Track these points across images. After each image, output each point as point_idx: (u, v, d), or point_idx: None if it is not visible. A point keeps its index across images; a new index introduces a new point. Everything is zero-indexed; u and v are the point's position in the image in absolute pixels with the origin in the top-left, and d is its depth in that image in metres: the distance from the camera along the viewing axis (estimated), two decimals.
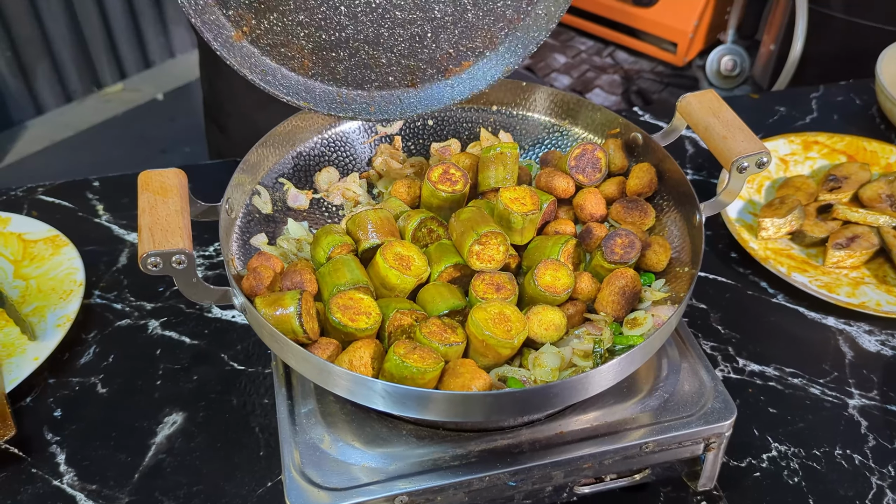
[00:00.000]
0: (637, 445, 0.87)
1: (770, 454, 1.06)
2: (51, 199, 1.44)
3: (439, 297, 0.88)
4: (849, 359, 1.18)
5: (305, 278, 0.88)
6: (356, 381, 0.75)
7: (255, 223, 1.00)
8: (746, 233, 1.35)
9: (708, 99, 0.98)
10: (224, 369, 1.15)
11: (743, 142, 0.91)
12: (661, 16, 2.46)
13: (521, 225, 0.94)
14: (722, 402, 0.90)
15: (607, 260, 0.92)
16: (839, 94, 1.74)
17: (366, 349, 0.80)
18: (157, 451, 1.05)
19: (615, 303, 0.89)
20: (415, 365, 0.77)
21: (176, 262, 0.77)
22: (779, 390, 1.14)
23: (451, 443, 0.86)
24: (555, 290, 0.89)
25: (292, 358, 0.79)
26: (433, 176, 0.99)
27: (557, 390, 0.75)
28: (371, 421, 0.88)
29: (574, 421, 0.89)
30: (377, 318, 0.84)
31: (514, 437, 0.87)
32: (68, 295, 1.21)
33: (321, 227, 0.99)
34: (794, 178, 1.43)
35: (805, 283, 1.25)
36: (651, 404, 0.90)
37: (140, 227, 0.78)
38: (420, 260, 0.91)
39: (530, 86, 1.13)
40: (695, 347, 0.97)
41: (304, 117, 1.06)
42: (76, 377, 1.14)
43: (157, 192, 0.82)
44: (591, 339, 0.87)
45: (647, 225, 1.00)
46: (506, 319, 0.84)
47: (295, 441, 0.87)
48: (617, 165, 1.05)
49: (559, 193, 1.02)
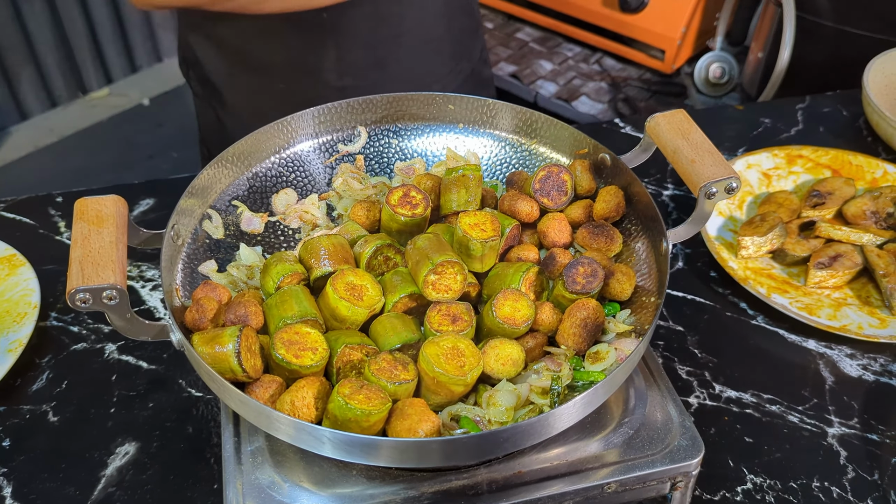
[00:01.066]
0: (599, 486, 0.83)
1: (745, 486, 1.02)
2: (11, 216, 1.40)
3: (392, 329, 0.84)
4: (829, 384, 1.14)
5: (250, 311, 0.83)
6: (298, 427, 0.71)
7: (204, 249, 0.95)
8: (726, 251, 1.30)
9: (678, 119, 0.94)
10: (181, 396, 1.11)
11: (711, 166, 0.87)
12: (648, 22, 2.42)
13: (481, 252, 0.90)
14: (689, 438, 0.86)
15: (568, 290, 0.88)
16: (826, 104, 1.70)
17: (309, 388, 0.76)
18: (107, 483, 1.01)
19: (577, 335, 0.85)
20: (359, 407, 0.73)
21: (107, 298, 0.73)
22: (756, 418, 1.10)
23: (404, 483, 0.82)
24: (514, 322, 0.85)
25: (230, 400, 0.75)
26: (392, 199, 0.95)
27: (508, 434, 0.71)
28: (321, 460, 0.84)
29: (534, 459, 0.84)
30: (324, 353, 0.80)
31: (471, 477, 0.83)
32: (22, 318, 1.16)
33: (275, 252, 0.95)
34: (776, 194, 1.39)
35: (785, 305, 1.21)
36: (615, 441, 0.86)
37: (70, 259, 0.74)
38: (374, 290, 0.87)
39: (496, 103, 1.08)
40: (663, 379, 0.93)
41: (260, 136, 1.02)
42: (27, 405, 1.10)
43: (92, 221, 0.78)
44: (550, 374, 0.82)
45: (614, 251, 0.96)
46: (459, 354, 0.80)
47: (241, 481, 0.83)
48: (584, 188, 1.00)
49: (523, 218, 0.97)
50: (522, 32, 2.75)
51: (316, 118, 1.07)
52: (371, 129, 1.11)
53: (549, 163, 1.04)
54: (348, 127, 1.10)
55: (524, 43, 2.67)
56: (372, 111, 1.10)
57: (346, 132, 1.10)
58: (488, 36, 2.74)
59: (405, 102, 1.10)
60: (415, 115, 1.11)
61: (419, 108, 1.11)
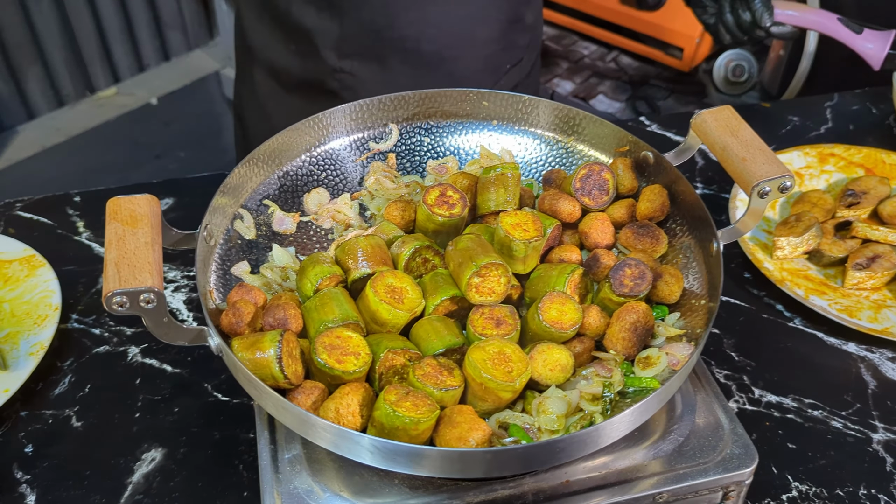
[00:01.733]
0: (650, 496, 0.80)
1: (790, 494, 0.99)
2: (28, 216, 1.37)
3: (434, 333, 0.81)
4: (871, 388, 1.11)
5: (290, 314, 0.80)
6: (340, 435, 0.69)
7: (236, 250, 0.93)
8: (761, 252, 1.27)
9: (725, 116, 0.91)
10: (207, 401, 1.08)
11: (764, 164, 0.84)
12: (666, 20, 2.39)
13: (524, 253, 0.87)
14: (742, 446, 0.83)
15: (616, 293, 0.85)
16: (854, 102, 1.67)
17: (354, 395, 0.73)
18: (133, 491, 0.98)
19: (626, 340, 0.82)
20: (407, 415, 0.70)
21: (144, 302, 0.70)
22: (798, 423, 1.07)
23: (448, 493, 0.79)
24: (561, 326, 0.82)
25: (272, 407, 0.72)
26: (429, 199, 0.92)
27: (564, 445, 0.68)
28: (361, 469, 0.81)
29: (581, 468, 0.81)
30: (366, 359, 0.77)
31: (517, 486, 0.80)
32: (43, 320, 1.14)
33: (309, 254, 0.92)
34: (809, 193, 1.36)
35: (824, 307, 1.18)
36: (664, 449, 0.83)
37: (106, 262, 0.71)
38: (414, 292, 0.84)
39: (532, 100, 1.06)
40: (711, 384, 0.90)
41: (291, 133, 0.99)
42: (49, 409, 1.07)
43: (126, 222, 0.75)
44: (601, 381, 0.79)
45: (659, 252, 0.93)
46: (506, 359, 0.77)
47: (278, 490, 0.80)
48: (626, 187, 0.98)
49: (564, 217, 0.94)
50: None
51: (347, 115, 1.04)
52: (402, 126, 1.08)
53: (590, 161, 1.01)
54: (379, 124, 1.07)
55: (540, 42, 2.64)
56: (403, 108, 1.07)
57: (377, 129, 1.07)
58: None
59: (438, 99, 1.07)
60: (447, 112, 1.09)
61: (452, 104, 1.08)
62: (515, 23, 1.45)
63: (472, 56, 1.41)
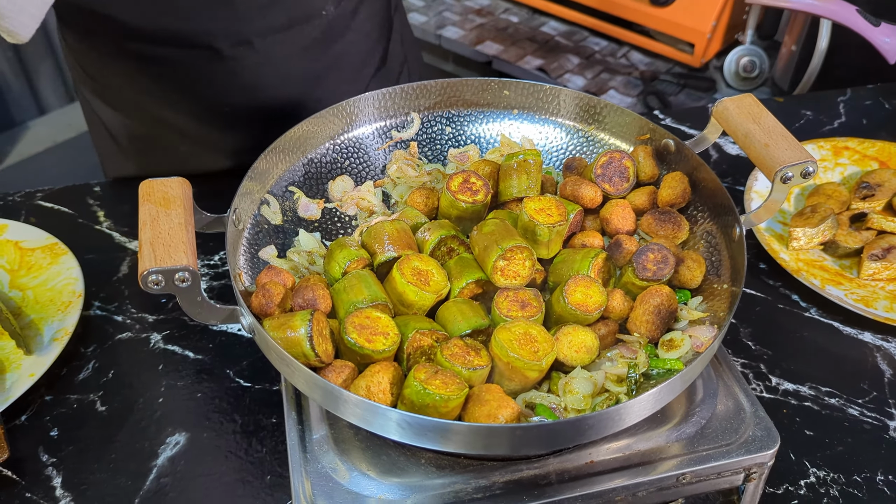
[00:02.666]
0: (673, 476, 0.81)
1: (808, 480, 1.00)
2: (50, 205, 1.39)
3: (461, 315, 0.82)
4: (888, 377, 1.12)
5: (318, 294, 0.82)
6: (371, 410, 0.70)
7: (263, 234, 0.94)
8: (776, 243, 1.28)
9: (747, 104, 0.92)
10: (229, 386, 1.09)
11: (787, 150, 0.85)
12: (677, 16, 2.39)
13: (548, 237, 0.88)
14: (764, 429, 0.84)
15: (639, 277, 0.86)
16: (868, 97, 1.68)
17: (384, 374, 0.74)
18: (158, 473, 0.99)
19: (650, 322, 0.83)
20: (437, 392, 0.71)
21: (179, 280, 0.71)
22: (815, 411, 1.08)
23: (474, 473, 0.80)
24: (586, 309, 0.83)
25: (303, 384, 0.73)
26: (453, 185, 0.93)
27: (592, 422, 0.69)
28: (387, 448, 0.82)
29: (605, 449, 0.82)
30: (395, 339, 0.78)
31: (541, 466, 0.81)
32: (67, 307, 1.15)
33: (334, 238, 0.93)
34: (824, 186, 1.37)
35: (841, 297, 1.19)
36: (687, 431, 0.84)
37: (140, 241, 0.73)
38: (439, 275, 0.85)
39: (554, 89, 1.07)
40: (731, 368, 0.91)
41: (315, 121, 1.00)
42: (74, 394, 1.08)
43: (160, 203, 0.76)
44: (625, 362, 0.80)
45: (681, 238, 0.94)
46: (532, 340, 0.78)
47: (306, 470, 0.81)
48: (647, 174, 0.98)
49: (586, 203, 0.95)
50: (547, 26, 2.73)
51: (370, 104, 1.05)
52: (424, 115, 1.09)
53: (611, 148, 1.02)
54: (402, 113, 1.08)
55: (550, 37, 2.65)
56: (425, 97, 1.08)
57: (399, 118, 1.08)
58: (513, 30, 2.72)
59: (459, 88, 1.08)
60: (468, 101, 1.10)
61: (473, 93, 1.09)
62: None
63: None
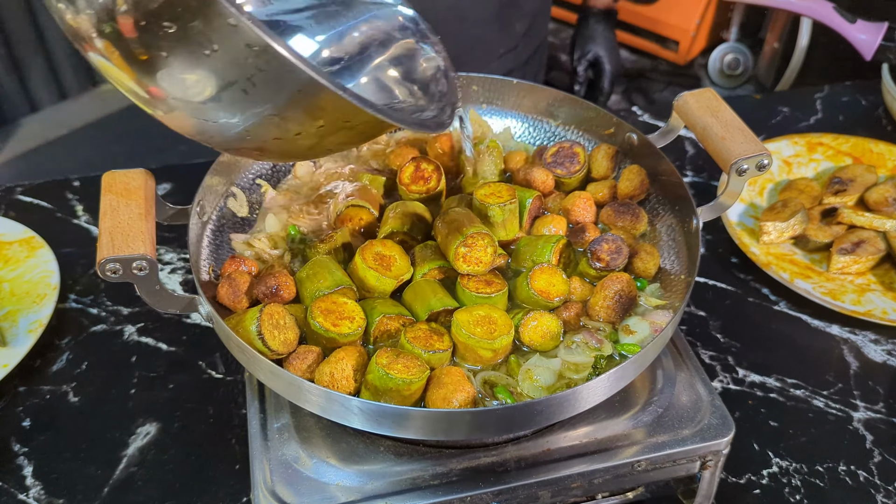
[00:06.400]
0: (629, 464, 0.82)
1: (771, 470, 1.01)
2: (29, 199, 1.40)
3: (432, 293, 0.84)
4: (854, 369, 1.13)
5: (281, 282, 0.83)
6: (329, 399, 0.71)
7: (228, 227, 0.95)
8: (747, 237, 1.30)
9: (706, 98, 0.93)
10: (201, 377, 1.11)
11: (742, 143, 0.86)
12: (662, 13, 2.41)
13: (502, 217, 0.89)
14: (719, 417, 0.86)
15: (592, 267, 0.87)
16: (844, 94, 1.69)
17: (348, 360, 0.75)
18: (128, 463, 1.00)
19: (609, 308, 0.84)
20: (399, 376, 0.72)
21: (137, 269, 0.72)
22: (780, 402, 1.09)
23: (432, 460, 0.82)
24: (548, 296, 0.84)
25: (261, 373, 0.74)
26: (405, 178, 0.94)
27: (542, 407, 0.70)
28: (347, 436, 0.84)
29: (562, 437, 0.84)
30: (361, 322, 0.79)
31: (499, 454, 0.82)
32: (42, 299, 1.16)
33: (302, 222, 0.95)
34: (797, 181, 1.38)
35: (808, 290, 1.20)
36: (644, 419, 0.85)
37: (100, 230, 0.74)
38: (402, 260, 0.86)
39: (521, 83, 1.08)
40: (691, 358, 0.92)
41: None
42: (47, 385, 1.09)
43: (121, 194, 0.77)
44: (588, 349, 0.82)
45: (640, 230, 0.95)
46: (491, 322, 0.80)
47: (267, 458, 0.82)
48: (600, 173, 1.01)
49: (538, 186, 0.98)
50: None
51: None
52: None
53: (562, 140, 1.03)
54: None
55: None
56: None
57: None
58: None
59: None
60: None
61: None
62: (510, 7, 1.46)
63: (462, 34, 1.41)
